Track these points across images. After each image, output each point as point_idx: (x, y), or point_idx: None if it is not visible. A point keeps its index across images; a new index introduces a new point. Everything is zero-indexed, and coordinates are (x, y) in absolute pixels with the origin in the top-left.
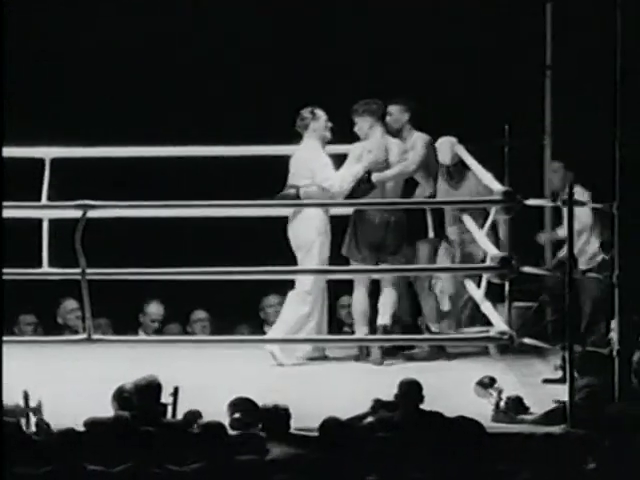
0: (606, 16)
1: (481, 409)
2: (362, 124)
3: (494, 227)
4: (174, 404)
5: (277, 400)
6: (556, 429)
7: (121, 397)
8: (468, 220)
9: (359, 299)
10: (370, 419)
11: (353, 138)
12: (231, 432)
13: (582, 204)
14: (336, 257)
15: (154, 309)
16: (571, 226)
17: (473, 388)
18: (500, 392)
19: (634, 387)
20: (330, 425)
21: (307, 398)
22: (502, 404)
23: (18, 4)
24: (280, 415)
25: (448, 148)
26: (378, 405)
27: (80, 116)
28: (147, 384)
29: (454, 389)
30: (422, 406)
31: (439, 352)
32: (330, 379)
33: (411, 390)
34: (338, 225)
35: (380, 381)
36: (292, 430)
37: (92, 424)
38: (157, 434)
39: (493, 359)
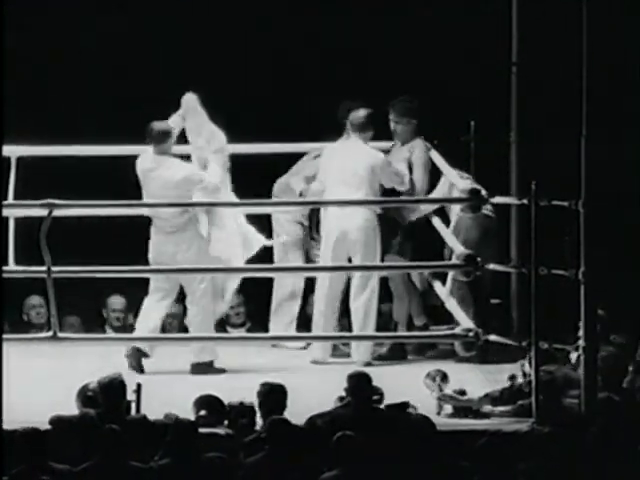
0: (572, 13)
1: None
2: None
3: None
4: (137, 401)
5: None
6: (523, 426)
7: (85, 395)
8: (436, 220)
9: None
10: (328, 417)
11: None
12: (198, 429)
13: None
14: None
15: (115, 300)
16: (536, 224)
17: (423, 382)
18: (443, 377)
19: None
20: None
21: None
22: (445, 389)
23: None
24: (246, 413)
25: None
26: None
27: (56, 114)
28: (110, 382)
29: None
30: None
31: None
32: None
33: (360, 383)
34: None
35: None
36: (258, 427)
37: (58, 422)
38: (122, 431)
39: (459, 357)
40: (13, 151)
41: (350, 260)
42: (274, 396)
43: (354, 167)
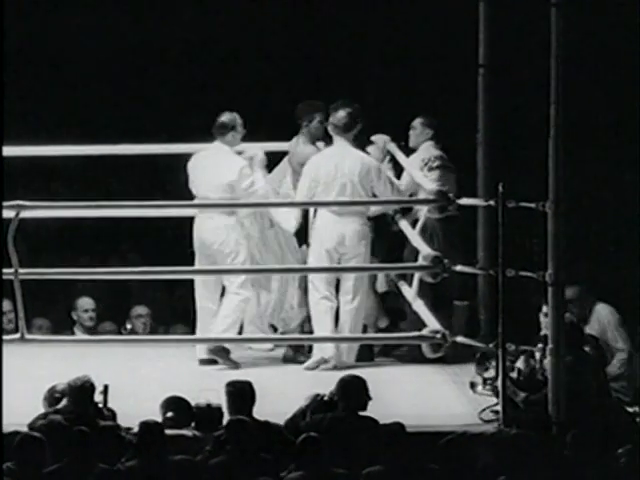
0: (540, 14)
1: (417, 410)
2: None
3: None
4: (104, 402)
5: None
6: (489, 427)
7: (52, 398)
8: (402, 221)
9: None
10: (307, 419)
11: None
12: (165, 431)
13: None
14: None
15: (85, 300)
16: (503, 225)
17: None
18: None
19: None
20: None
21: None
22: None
23: None
24: (213, 414)
25: (380, 146)
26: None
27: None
28: (82, 384)
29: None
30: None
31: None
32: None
33: (352, 388)
34: None
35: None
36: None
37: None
38: (90, 433)
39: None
40: None
41: (339, 264)
42: (242, 394)
43: (348, 174)
